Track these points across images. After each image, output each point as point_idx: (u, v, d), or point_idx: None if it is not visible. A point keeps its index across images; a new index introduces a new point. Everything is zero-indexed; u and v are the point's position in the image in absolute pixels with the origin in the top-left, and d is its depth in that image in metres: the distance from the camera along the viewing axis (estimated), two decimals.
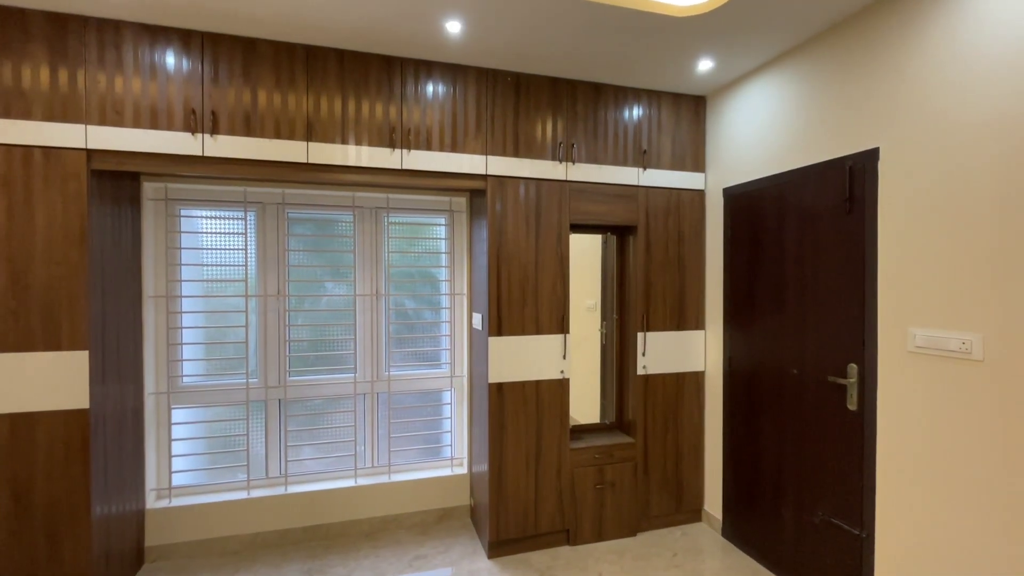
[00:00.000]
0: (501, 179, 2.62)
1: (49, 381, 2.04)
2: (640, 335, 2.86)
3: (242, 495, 2.70)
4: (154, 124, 2.16)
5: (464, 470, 3.08)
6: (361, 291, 2.96)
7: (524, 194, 2.65)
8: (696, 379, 2.99)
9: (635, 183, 2.84)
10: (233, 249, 2.76)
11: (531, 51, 2.42)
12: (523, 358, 2.65)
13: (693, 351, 2.97)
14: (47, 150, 2.04)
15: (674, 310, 2.93)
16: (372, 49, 2.41)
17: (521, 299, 2.65)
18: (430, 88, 2.53)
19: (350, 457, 2.94)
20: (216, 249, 2.75)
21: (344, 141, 2.41)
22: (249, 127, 2.28)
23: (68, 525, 2.07)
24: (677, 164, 2.93)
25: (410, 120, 2.50)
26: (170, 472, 2.66)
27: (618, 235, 3.04)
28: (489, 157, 2.60)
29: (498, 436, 2.62)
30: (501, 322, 2.61)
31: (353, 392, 2.94)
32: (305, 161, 2.35)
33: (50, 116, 2.04)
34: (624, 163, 2.82)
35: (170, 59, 2.18)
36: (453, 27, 2.19)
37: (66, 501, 2.06)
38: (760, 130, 2.58)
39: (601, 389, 3.08)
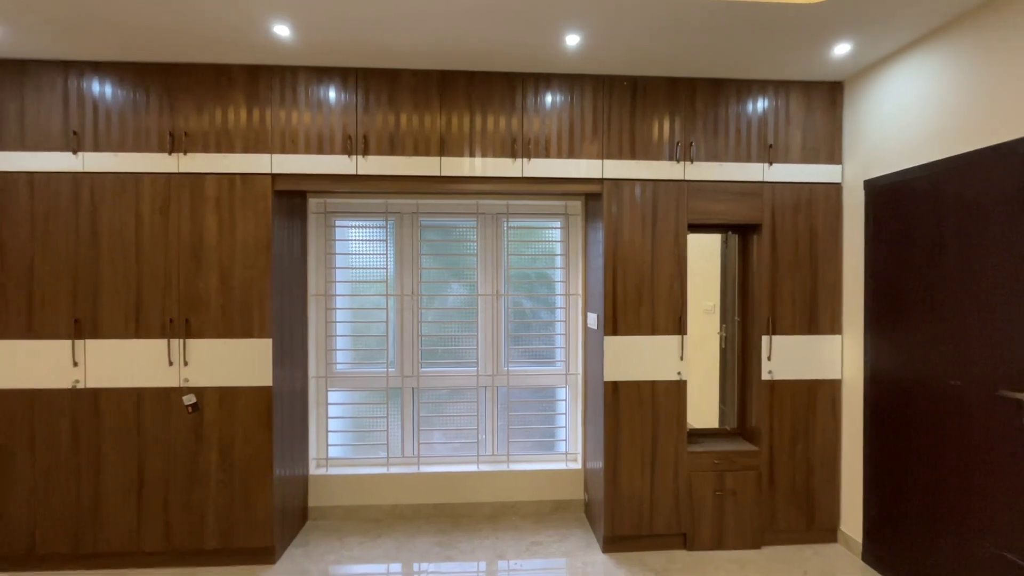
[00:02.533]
0: (617, 182, 2.68)
1: (245, 362, 2.53)
2: (765, 338, 2.73)
3: (382, 470, 3.07)
4: (320, 149, 2.58)
5: (578, 465, 3.18)
6: (483, 291, 3.20)
7: (640, 195, 2.68)
8: (831, 387, 2.76)
9: (759, 179, 2.72)
10: (376, 254, 3.15)
11: (648, 55, 2.45)
12: (638, 358, 2.68)
13: (827, 357, 2.75)
14: (244, 176, 2.54)
15: (804, 312, 2.75)
16: (496, 68, 2.62)
17: (637, 299, 2.68)
18: (548, 99, 2.68)
19: (473, 444, 3.19)
20: (362, 254, 3.16)
21: (471, 154, 2.65)
22: (393, 147, 2.61)
23: (257, 480, 2.54)
24: (808, 157, 2.75)
25: (530, 130, 2.67)
26: (327, 445, 3.12)
27: (740, 234, 2.92)
28: (605, 161, 2.68)
29: (613, 434, 2.67)
30: (616, 322, 2.67)
31: (476, 385, 3.19)
32: (438, 174, 2.63)
33: (246, 148, 2.54)
34: (747, 159, 2.72)
35: (332, 94, 2.58)
36: (572, 40, 2.31)
37: (255, 461, 2.54)
38: (909, 115, 2.34)
39: (720, 393, 2.99)
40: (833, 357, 2.76)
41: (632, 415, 2.68)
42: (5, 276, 2.46)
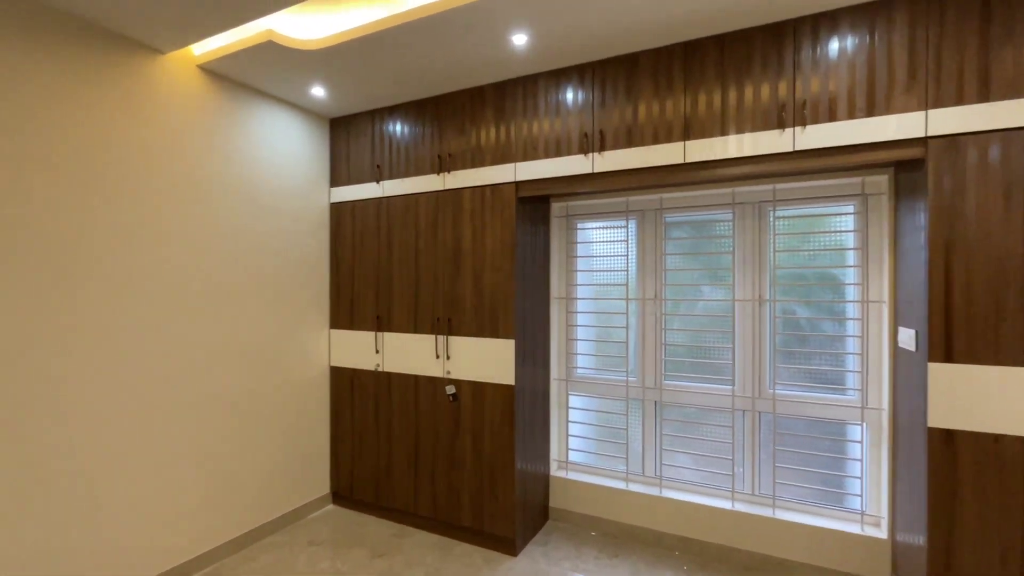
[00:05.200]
0: (953, 139, 1.85)
1: (492, 360, 2.71)
2: None
3: (621, 485, 2.89)
4: (557, 152, 2.57)
5: (882, 534, 2.34)
6: (741, 296, 2.69)
7: (998, 154, 1.79)
8: None
9: None
10: (616, 256, 2.99)
11: None
12: (993, 398, 1.78)
13: None
14: (494, 187, 2.72)
15: None
16: (755, 22, 2.14)
17: (990, 311, 1.79)
18: (833, 45, 2.04)
19: (727, 477, 2.70)
20: (603, 256, 3.05)
21: (723, 133, 2.23)
22: (630, 138, 2.40)
23: (501, 472, 2.69)
24: None
25: (805, 91, 2.08)
26: (567, 448, 3.12)
27: None
28: (931, 112, 1.88)
29: (944, 504, 1.85)
30: (951, 343, 1.84)
31: (731, 406, 2.70)
32: (682, 161, 2.30)
33: (495, 161, 2.72)
34: None
35: (568, 94, 2.54)
36: None
37: (500, 453, 2.69)
38: None
39: None
40: None
41: (981, 482, 1.80)
42: (339, 282, 3.26)
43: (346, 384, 3.23)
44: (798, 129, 2.09)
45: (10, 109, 1.91)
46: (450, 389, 2.82)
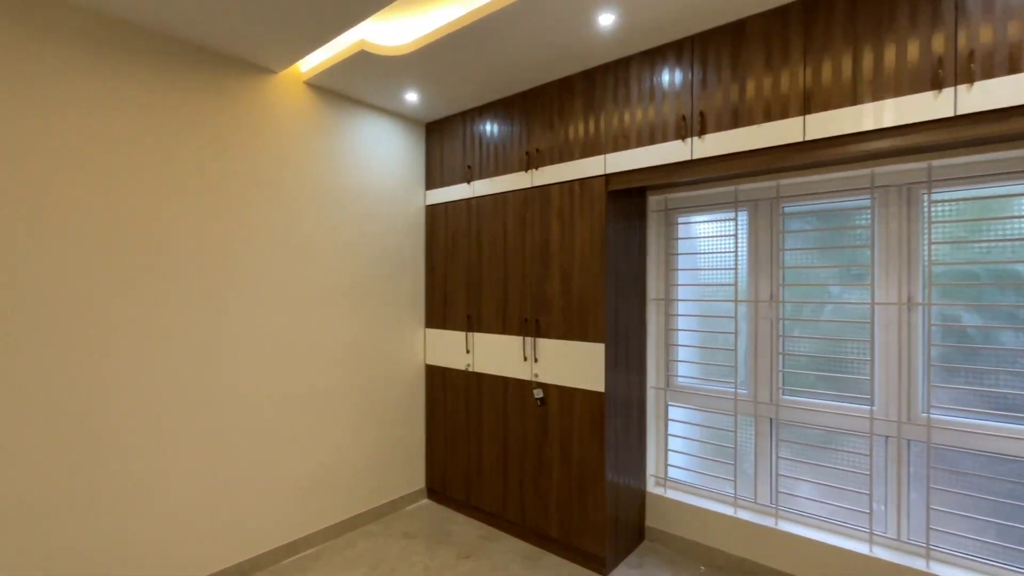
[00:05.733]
0: None
1: (580, 365, 2.57)
2: None
3: (728, 510, 2.56)
4: (651, 140, 2.35)
5: None
6: (883, 298, 2.23)
7: None
8: None
9: None
10: (724, 253, 2.67)
11: None
12: None
13: None
14: (582, 181, 2.58)
15: None
16: None
17: None
18: None
19: (862, 514, 2.26)
20: (708, 253, 2.74)
21: (856, 101, 1.85)
22: (736, 118, 2.11)
23: (590, 483, 2.53)
24: None
25: (972, 41, 1.65)
26: (666, 464, 2.85)
27: None
28: None
29: None
30: None
31: (869, 430, 2.25)
32: (800, 140, 1.96)
33: (583, 153, 2.57)
34: None
35: (664, 76, 2.31)
36: None
37: (589, 463, 2.54)
38: None
39: None
40: None
41: None
42: (433, 282, 3.33)
43: (439, 383, 3.29)
44: (961, 88, 1.66)
45: (157, 137, 2.20)
46: (538, 393, 2.72)
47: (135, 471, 2.14)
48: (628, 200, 2.69)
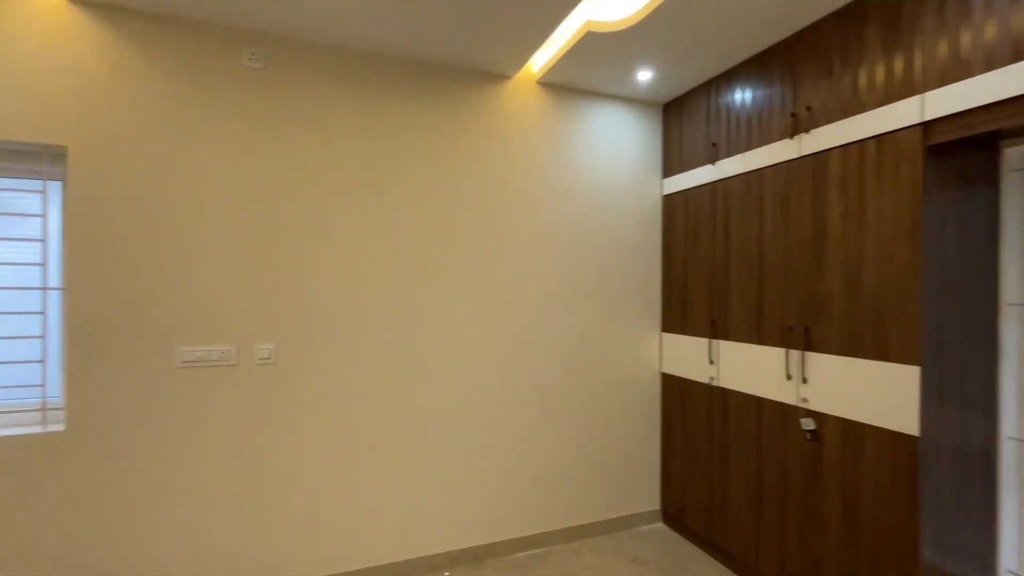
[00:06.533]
0: None
1: (875, 393, 1.86)
2: None
3: None
4: (1016, 56, 1.52)
5: None
6: None
7: None
8: None
9: None
10: None
11: None
12: None
13: None
14: (879, 139, 1.87)
15: None
16: None
17: None
18: None
19: None
20: None
21: None
22: None
23: (891, 559, 1.80)
24: None
25: None
26: None
27: None
28: None
29: None
30: None
31: None
32: None
33: (883, 100, 1.86)
34: None
35: None
36: None
37: (890, 530, 1.81)
38: None
39: None
40: None
41: None
42: (671, 281, 2.97)
43: (676, 395, 2.91)
44: None
45: (412, 149, 2.51)
46: (807, 423, 2.10)
47: (396, 452, 2.46)
48: (963, 158, 1.83)
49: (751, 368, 2.39)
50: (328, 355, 2.34)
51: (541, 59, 2.63)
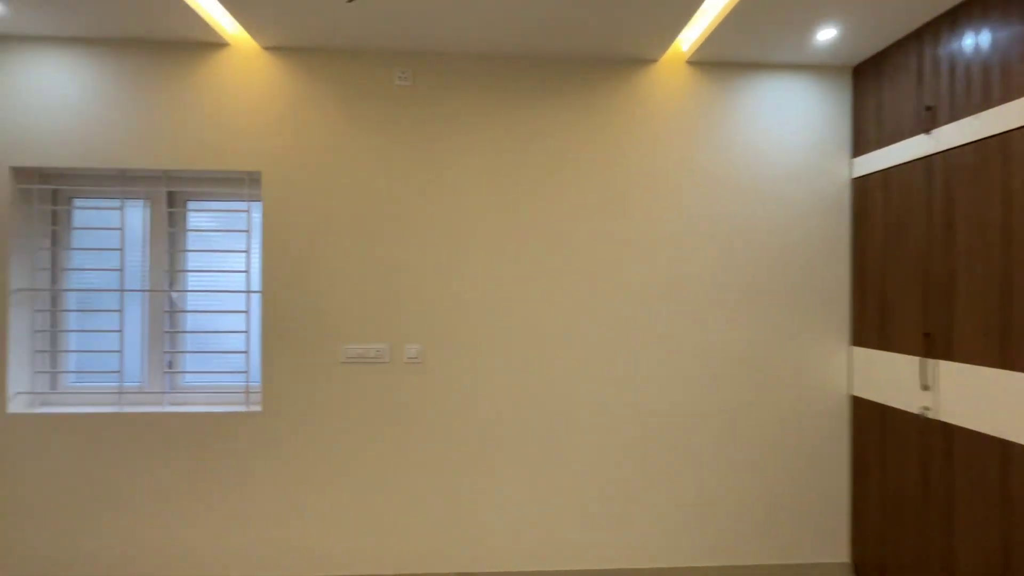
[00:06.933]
0: None
1: None
2: None
3: None
4: None
5: None
6: None
7: None
8: None
9: None
10: None
11: None
12: None
13: None
14: None
15: None
16: None
17: None
18: None
19: None
20: None
21: None
22: None
23: None
24: None
25: None
26: None
27: None
28: None
29: None
30: None
31: None
32: None
33: None
34: None
35: None
36: None
37: None
38: None
39: None
40: None
41: None
42: (863, 283, 2.41)
43: (874, 424, 2.34)
44: None
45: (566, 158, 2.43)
46: None
47: (535, 460, 2.41)
48: None
49: (991, 400, 1.78)
50: (472, 357, 2.39)
51: (690, 36, 2.34)
